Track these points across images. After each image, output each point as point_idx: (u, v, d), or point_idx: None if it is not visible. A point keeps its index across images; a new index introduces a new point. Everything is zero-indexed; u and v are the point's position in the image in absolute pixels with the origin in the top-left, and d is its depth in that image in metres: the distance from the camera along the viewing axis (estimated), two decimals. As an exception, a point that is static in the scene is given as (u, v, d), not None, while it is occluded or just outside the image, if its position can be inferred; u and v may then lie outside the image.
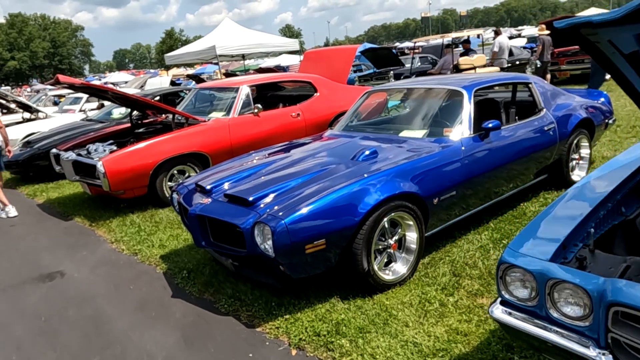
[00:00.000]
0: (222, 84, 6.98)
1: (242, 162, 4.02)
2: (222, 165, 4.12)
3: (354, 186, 3.04)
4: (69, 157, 5.63)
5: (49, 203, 6.54)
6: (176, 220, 5.13)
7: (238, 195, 3.15)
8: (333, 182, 3.13)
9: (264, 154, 4.22)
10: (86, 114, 10.04)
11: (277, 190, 3.15)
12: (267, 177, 3.42)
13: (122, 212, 5.64)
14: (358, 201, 3.00)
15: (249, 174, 3.61)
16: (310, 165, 3.51)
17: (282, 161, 3.76)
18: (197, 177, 3.98)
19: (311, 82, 7.21)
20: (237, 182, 3.49)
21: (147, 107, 6.25)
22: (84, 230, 5.25)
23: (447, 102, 4.09)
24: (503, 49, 11.44)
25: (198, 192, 3.59)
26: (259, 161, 3.90)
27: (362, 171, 3.26)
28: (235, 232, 3.10)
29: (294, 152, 4.04)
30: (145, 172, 5.39)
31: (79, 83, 5.24)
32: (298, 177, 3.29)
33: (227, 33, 13.95)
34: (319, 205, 2.90)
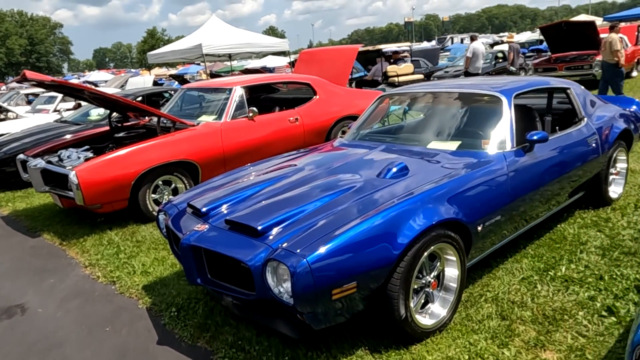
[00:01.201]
0: (212, 84, 6.33)
1: (241, 178, 3.39)
2: (217, 181, 3.49)
3: (390, 212, 2.45)
4: (37, 164, 4.91)
5: (15, 215, 5.79)
6: (161, 239, 4.47)
7: (243, 222, 2.52)
8: (361, 207, 2.54)
9: (265, 167, 3.59)
10: (61, 114, 9.26)
11: (291, 217, 2.54)
12: (275, 198, 2.80)
13: (99, 228, 4.95)
14: (396, 232, 2.40)
15: (252, 193, 2.98)
16: (328, 183, 2.90)
17: (290, 178, 3.14)
18: (187, 194, 3.34)
19: (310, 84, 6.61)
20: (239, 205, 2.86)
21: (128, 108, 5.57)
22: (53, 250, 4.54)
23: (482, 109, 3.53)
24: (477, 55, 11.27)
25: (191, 215, 2.95)
26: (261, 177, 3.27)
27: (395, 192, 2.67)
28: (240, 269, 2.48)
29: (302, 165, 3.42)
30: (126, 184, 4.71)
31: (49, 80, 4.53)
32: (314, 199, 2.68)
33: (214, 31, 13.25)
34: (349, 238, 2.29)
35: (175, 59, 15.02)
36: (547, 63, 13.23)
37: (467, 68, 11.44)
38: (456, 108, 3.71)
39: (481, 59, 11.47)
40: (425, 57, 18.89)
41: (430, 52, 19.92)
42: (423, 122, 3.79)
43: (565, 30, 12.42)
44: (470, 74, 11.43)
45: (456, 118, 3.64)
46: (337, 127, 6.69)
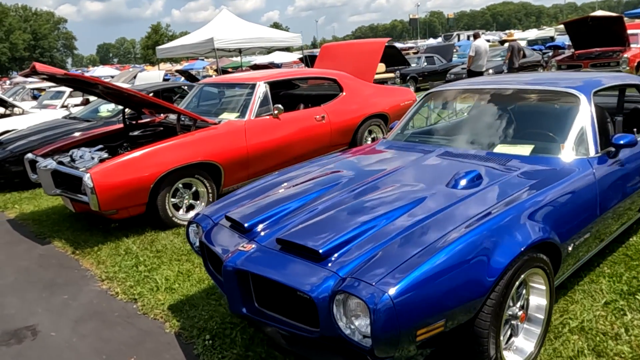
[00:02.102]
0: (233, 79, 5.91)
1: (279, 186, 2.97)
2: (251, 189, 3.07)
3: (478, 233, 2.03)
4: (48, 165, 4.51)
5: (21, 219, 5.39)
6: (184, 249, 4.06)
7: (300, 242, 2.10)
8: (440, 226, 2.12)
9: (303, 173, 3.16)
10: (69, 110, 8.86)
11: (356, 237, 2.12)
12: (329, 213, 2.37)
13: (114, 235, 4.54)
14: (488, 255, 1.99)
15: (299, 206, 2.56)
16: (390, 195, 2.48)
17: (341, 188, 2.71)
18: (219, 204, 2.92)
19: (337, 80, 6.18)
20: (287, 219, 2.44)
21: (144, 105, 5.16)
22: (64, 260, 4.14)
23: (557, 108, 3.10)
24: (480, 54, 11.04)
25: (230, 230, 2.54)
26: (305, 186, 2.84)
27: (475, 207, 2.25)
28: (297, 299, 2.07)
29: (349, 172, 2.99)
30: (145, 187, 4.30)
31: (61, 74, 4.13)
32: (380, 214, 2.26)
33: (225, 25, 12.82)
34: (435, 265, 1.88)
35: (185, 54, 14.60)
36: (570, 60, 12.74)
37: (470, 66, 11.26)
38: (524, 107, 3.28)
39: (484, 57, 11.23)
40: (439, 53, 18.45)
41: (444, 49, 19.48)
42: (483, 122, 3.37)
43: (591, 25, 11.93)
44: (473, 73, 11.31)
45: (525, 118, 3.21)
46: (364, 126, 6.27)
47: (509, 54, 12.17)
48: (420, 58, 17.49)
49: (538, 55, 16.26)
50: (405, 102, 6.91)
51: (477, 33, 12.93)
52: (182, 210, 4.72)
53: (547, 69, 16.77)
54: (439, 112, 4.01)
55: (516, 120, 3.22)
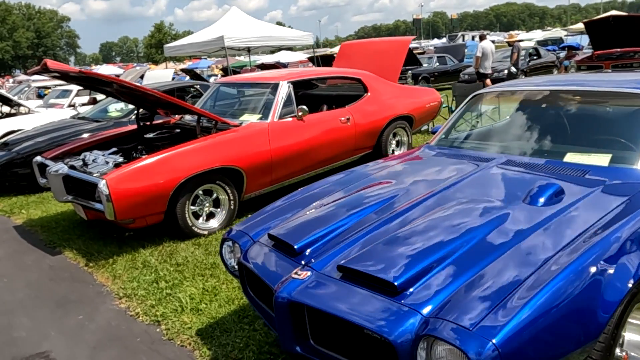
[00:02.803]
0: (253, 79, 5.58)
1: (322, 200, 2.64)
2: (289, 201, 2.75)
3: (583, 262, 1.70)
4: (59, 170, 4.18)
5: (29, 226, 5.07)
6: (207, 262, 3.74)
7: (370, 272, 1.78)
8: (533, 254, 1.80)
9: (347, 184, 2.83)
10: (76, 110, 8.55)
11: (434, 267, 1.79)
12: (394, 234, 2.04)
13: (129, 245, 4.22)
14: (598, 290, 1.67)
15: (353, 223, 2.24)
16: (459, 213, 2.14)
17: (397, 203, 2.38)
18: (255, 219, 2.61)
19: (361, 80, 5.86)
20: (342, 241, 2.11)
21: (163, 105, 4.83)
22: (77, 274, 3.82)
23: (633, 112, 2.77)
24: (487, 55, 11.00)
25: (276, 252, 2.21)
26: (354, 199, 2.50)
27: (568, 229, 1.93)
28: (364, 339, 1.75)
29: (400, 183, 2.66)
30: (164, 194, 3.98)
31: (75, 71, 3.81)
32: (455, 238, 1.93)
33: (235, 23, 12.50)
34: (541, 303, 1.56)
35: (193, 52, 14.28)
36: (590, 60, 12.38)
37: (478, 68, 11.22)
38: (594, 111, 2.95)
39: (490, 58, 11.16)
40: (450, 53, 18.12)
41: (455, 49, 19.14)
42: (545, 128, 3.03)
43: (612, 25, 11.57)
44: (480, 74, 11.28)
45: (596, 124, 2.88)
46: (389, 128, 5.95)
47: (515, 55, 11.95)
48: (432, 58, 17.15)
49: (552, 56, 15.90)
50: (430, 103, 6.59)
51: (483, 34, 12.80)
52: (202, 218, 4.40)
53: (561, 70, 16.44)
54: (489, 116, 3.68)
55: (586, 125, 2.89)
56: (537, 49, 15.23)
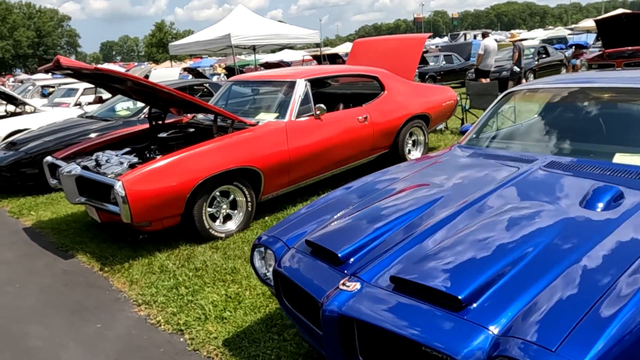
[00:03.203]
0: (269, 76, 5.43)
1: (356, 204, 2.49)
2: (322, 206, 2.60)
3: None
4: (72, 170, 4.04)
5: (39, 227, 4.93)
6: (227, 267, 3.60)
7: (430, 285, 1.63)
8: (605, 261, 1.65)
9: (381, 186, 2.69)
10: (83, 108, 8.41)
11: (500, 278, 1.64)
12: (448, 242, 1.89)
13: (144, 248, 4.08)
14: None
15: (396, 230, 2.09)
16: (513, 218, 2.00)
17: (444, 208, 2.23)
18: (287, 224, 2.47)
19: (378, 78, 5.71)
20: (390, 248, 1.96)
21: (179, 103, 4.69)
22: (92, 278, 3.68)
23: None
24: (489, 53, 10.95)
25: (316, 260, 2.06)
26: (394, 203, 2.34)
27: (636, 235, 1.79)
28: (421, 356, 1.61)
29: (439, 186, 2.51)
30: (182, 196, 3.84)
31: (90, 68, 3.66)
32: (515, 246, 1.78)
33: (242, 21, 12.35)
34: (627, 318, 1.41)
35: (198, 51, 14.13)
36: (600, 59, 12.22)
37: (478, 65, 11.18)
38: (638, 109, 2.80)
39: (492, 56, 11.12)
40: (456, 52, 17.97)
41: (461, 48, 18.98)
42: (588, 127, 2.88)
43: (625, 23, 11.42)
44: (481, 71, 11.24)
45: None
46: (406, 127, 5.80)
47: (516, 54, 11.78)
48: (439, 56, 17.00)
49: (561, 55, 15.74)
50: (446, 102, 6.44)
51: (486, 32, 12.72)
52: (219, 221, 4.26)
53: (569, 68, 16.29)
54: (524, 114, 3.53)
55: (633, 124, 2.74)
56: (545, 47, 15.06)
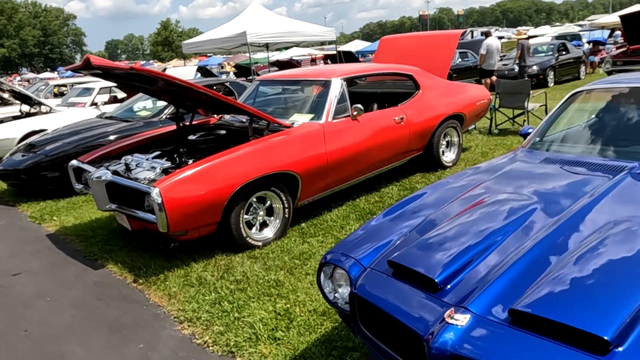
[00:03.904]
0: (299, 75, 5.20)
1: (429, 217, 2.25)
2: (389, 218, 2.36)
3: None
4: (102, 176, 3.82)
5: (63, 234, 4.72)
6: (269, 278, 3.37)
7: (567, 323, 1.39)
8: None
9: (451, 197, 2.45)
10: (99, 109, 8.20)
11: (638, 311, 1.41)
12: (563, 268, 1.63)
13: (178, 258, 3.86)
14: None
15: (494, 250, 1.85)
16: (626, 239, 1.76)
17: (538, 224, 1.98)
18: (356, 239, 2.23)
19: (413, 76, 5.47)
20: (490, 272, 1.73)
21: (214, 105, 4.46)
22: (126, 291, 3.46)
23: None
24: (492, 52, 10.82)
25: (404, 284, 1.83)
26: (476, 218, 2.10)
27: None
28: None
29: (524, 196, 2.26)
30: (219, 203, 3.62)
31: (125, 68, 3.42)
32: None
33: (257, 18, 12.11)
34: None
35: (214, 48, 13.91)
36: (625, 56, 11.92)
37: (481, 65, 11.02)
38: None
39: (496, 55, 10.96)
40: (471, 49, 17.66)
41: (476, 45, 18.62)
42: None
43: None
44: (484, 71, 11.08)
45: None
46: (441, 128, 5.56)
47: (519, 52, 11.54)
48: (455, 54, 16.68)
49: (580, 51, 15.40)
50: (481, 100, 6.19)
51: (488, 32, 12.42)
52: (255, 228, 4.03)
53: (587, 65, 15.96)
54: (595, 115, 3.28)
55: None
56: (564, 44, 14.72)
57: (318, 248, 3.87)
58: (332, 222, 4.41)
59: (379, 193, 5.10)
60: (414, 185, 5.25)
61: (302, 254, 3.78)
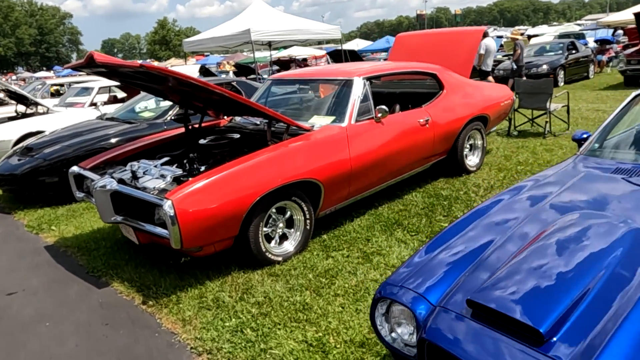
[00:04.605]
0: (317, 74, 4.84)
1: (511, 243, 1.92)
2: (455, 237, 2.03)
3: None
4: (107, 185, 3.45)
5: (63, 246, 4.36)
6: (294, 300, 3.03)
7: None
8: None
9: (530, 213, 2.11)
10: (99, 109, 7.83)
11: None
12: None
13: (190, 275, 3.51)
14: None
15: (600, 284, 1.52)
16: None
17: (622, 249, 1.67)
18: (416, 270, 1.89)
19: (437, 75, 5.13)
20: (600, 317, 1.40)
21: (225, 106, 4.11)
22: (135, 314, 3.11)
23: None
24: (490, 52, 10.61)
25: (499, 333, 1.49)
26: (563, 243, 1.78)
27: None
28: None
29: (611, 218, 1.94)
30: (238, 216, 3.27)
31: (135, 65, 3.07)
32: None
33: (261, 16, 11.75)
34: None
35: (215, 47, 13.54)
36: (638, 55, 11.63)
37: (480, 65, 10.75)
38: None
39: (492, 56, 10.78)
40: (477, 48, 17.34)
41: (481, 43, 18.31)
42: None
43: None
44: (483, 72, 10.85)
45: None
46: (465, 130, 5.22)
47: (518, 51, 11.30)
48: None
49: (588, 50, 15.10)
50: (505, 101, 5.86)
51: (486, 32, 12.13)
52: (274, 241, 3.69)
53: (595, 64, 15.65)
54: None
55: None
56: (574, 42, 14.40)
57: (344, 264, 3.53)
58: (356, 233, 4.07)
59: (402, 200, 4.76)
60: (438, 191, 4.91)
61: (328, 270, 3.44)
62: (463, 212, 4.33)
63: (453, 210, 4.41)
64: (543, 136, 6.93)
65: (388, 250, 3.70)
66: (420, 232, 4.01)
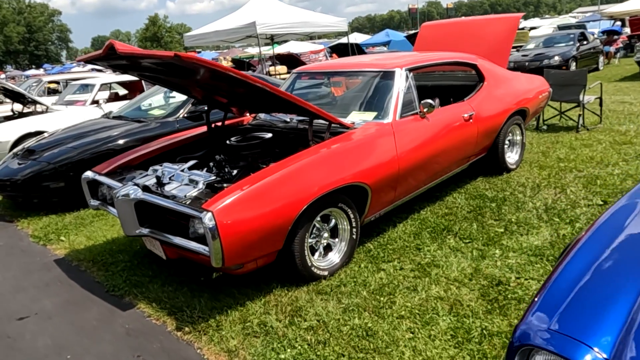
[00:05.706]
0: (350, 65, 4.42)
1: None
2: (614, 255, 1.65)
3: None
4: (131, 193, 3.01)
5: (76, 259, 3.92)
6: (352, 325, 2.62)
7: None
8: None
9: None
10: (101, 107, 7.36)
11: None
12: None
13: (225, 293, 3.09)
14: None
15: None
16: None
17: None
18: (573, 300, 1.49)
19: (477, 66, 4.73)
20: None
21: (273, 102, 3.68)
22: (170, 345, 2.68)
23: None
24: None
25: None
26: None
27: None
28: None
29: None
30: (284, 227, 2.85)
31: (170, 55, 2.61)
32: None
33: (265, 8, 11.27)
34: None
35: (218, 41, 13.05)
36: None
37: None
38: None
39: None
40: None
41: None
42: None
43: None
44: None
45: None
46: (506, 125, 4.83)
47: None
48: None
49: (597, 41, 14.79)
50: (543, 93, 5.48)
51: None
52: (319, 253, 3.28)
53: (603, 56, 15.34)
54: None
55: None
56: (584, 33, 14.07)
57: (399, 278, 3.13)
58: (403, 241, 3.68)
59: (445, 203, 4.37)
60: (481, 192, 4.53)
61: (382, 287, 3.04)
62: (515, 215, 3.95)
63: (503, 213, 4.03)
64: (576, 130, 6.55)
65: (445, 261, 3.31)
66: (474, 239, 3.62)
